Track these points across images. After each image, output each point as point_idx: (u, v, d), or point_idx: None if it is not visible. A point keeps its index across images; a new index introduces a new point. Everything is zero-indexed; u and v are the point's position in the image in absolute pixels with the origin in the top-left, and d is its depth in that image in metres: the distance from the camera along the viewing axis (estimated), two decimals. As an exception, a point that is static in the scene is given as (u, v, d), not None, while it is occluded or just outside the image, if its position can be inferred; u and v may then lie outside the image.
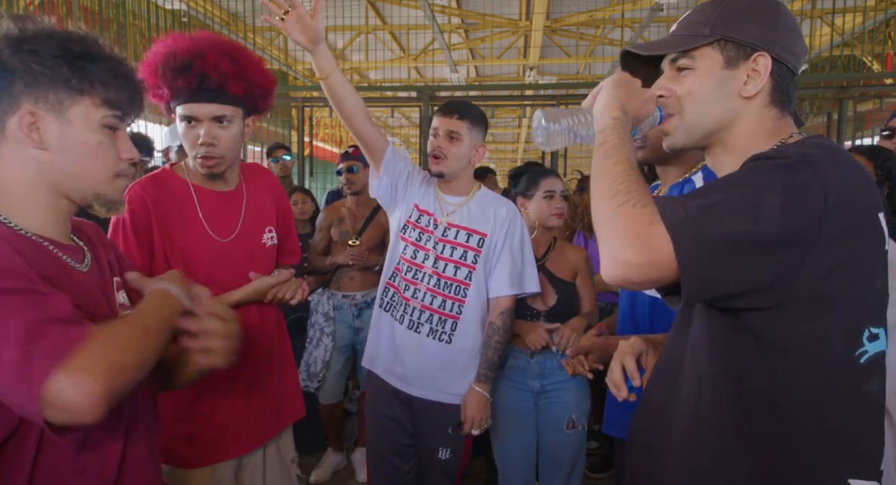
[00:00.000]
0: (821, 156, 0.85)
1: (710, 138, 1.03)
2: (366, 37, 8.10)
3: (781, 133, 1.00)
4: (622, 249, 0.82)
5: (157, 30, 5.59)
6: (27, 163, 0.97)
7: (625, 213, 0.84)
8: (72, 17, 4.83)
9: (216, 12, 6.65)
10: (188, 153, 1.59)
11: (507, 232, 2.04)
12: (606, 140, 0.94)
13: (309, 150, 5.78)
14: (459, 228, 2.04)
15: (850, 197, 0.84)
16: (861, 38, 6.14)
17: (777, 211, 0.80)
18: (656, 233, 0.81)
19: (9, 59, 0.93)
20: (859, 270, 0.87)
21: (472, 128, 2.03)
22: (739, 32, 0.98)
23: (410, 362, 2.03)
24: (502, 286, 2.03)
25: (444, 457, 2.05)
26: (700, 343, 0.97)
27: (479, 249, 2.03)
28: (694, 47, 1.00)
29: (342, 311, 3.11)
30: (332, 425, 3.28)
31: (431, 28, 6.84)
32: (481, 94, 9.29)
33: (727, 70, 0.99)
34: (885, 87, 5.51)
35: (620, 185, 0.87)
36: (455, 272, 2.02)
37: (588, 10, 7.41)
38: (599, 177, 0.91)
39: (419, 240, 2.06)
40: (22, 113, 0.94)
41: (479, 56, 9.96)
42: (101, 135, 1.00)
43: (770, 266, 0.83)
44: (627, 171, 0.89)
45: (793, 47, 0.99)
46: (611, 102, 0.99)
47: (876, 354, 0.90)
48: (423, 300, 2.02)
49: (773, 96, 1.00)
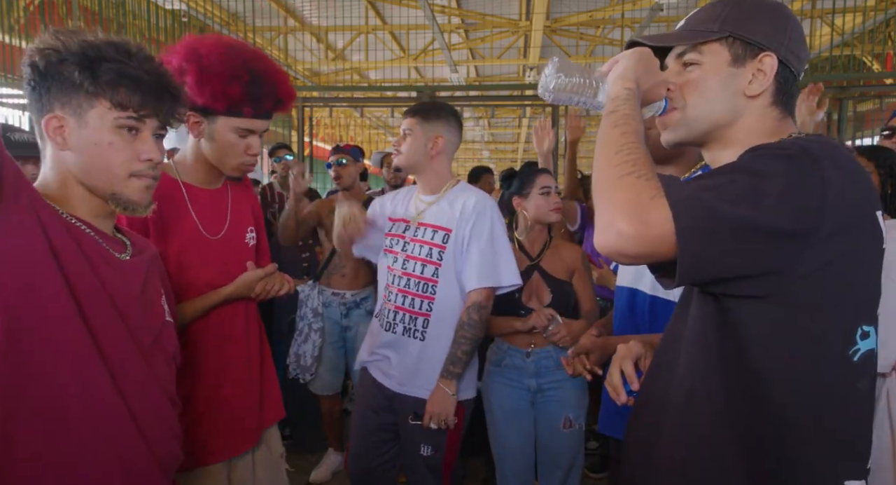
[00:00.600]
0: (821, 151, 0.86)
1: (711, 135, 1.03)
2: (366, 37, 8.10)
3: (781, 133, 1.00)
4: (619, 218, 0.81)
5: (157, 30, 5.59)
6: (60, 161, 1.07)
7: (627, 183, 0.83)
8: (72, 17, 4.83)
9: (216, 12, 6.65)
10: (230, 161, 1.61)
11: (473, 225, 2.02)
12: (617, 109, 0.93)
13: (309, 150, 5.78)
14: (427, 226, 2.08)
15: (848, 194, 0.84)
16: (861, 38, 6.15)
17: (775, 199, 0.80)
18: (657, 206, 0.80)
19: (45, 69, 1.03)
20: (857, 268, 0.88)
21: (423, 121, 2.08)
22: (749, 31, 0.99)
23: (391, 361, 2.10)
24: (471, 280, 2.02)
25: (426, 453, 2.07)
26: (695, 337, 0.97)
27: (443, 245, 2.03)
28: (702, 42, 1.01)
29: (331, 308, 3.12)
30: (332, 424, 3.28)
31: (431, 28, 6.85)
32: (481, 94, 9.30)
33: (733, 67, 0.99)
34: (885, 87, 5.51)
35: (627, 155, 0.86)
36: (422, 271, 2.04)
37: (588, 10, 7.42)
38: (606, 144, 0.89)
39: (391, 246, 2.14)
40: (50, 117, 1.05)
41: (479, 56, 9.96)
42: (114, 136, 1.06)
43: (766, 253, 0.82)
44: (635, 142, 0.88)
45: (798, 52, 1.01)
46: (626, 74, 0.97)
47: (867, 352, 0.90)
48: (395, 302, 2.08)
49: (776, 97, 1.00)
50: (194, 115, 1.55)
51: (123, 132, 1.06)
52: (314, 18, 7.83)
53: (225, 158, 1.60)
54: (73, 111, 1.04)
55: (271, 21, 7.46)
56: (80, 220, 1.07)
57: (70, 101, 1.04)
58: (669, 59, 1.06)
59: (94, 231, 1.08)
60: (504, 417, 2.30)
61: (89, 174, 1.07)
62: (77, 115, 1.04)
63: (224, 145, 1.57)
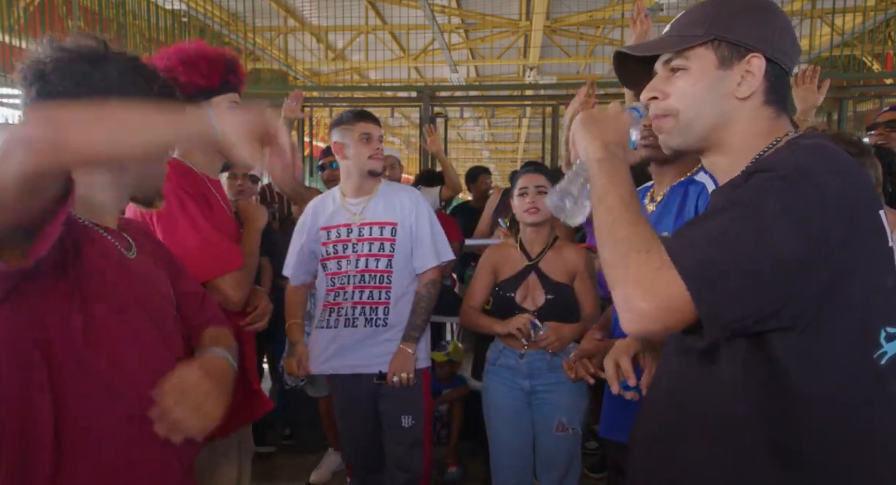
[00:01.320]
0: (816, 164, 0.84)
1: (706, 140, 1.01)
2: (366, 37, 8.09)
3: (776, 132, 0.99)
4: (634, 297, 0.81)
5: (157, 30, 5.59)
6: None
7: (631, 261, 0.83)
8: (72, 17, 4.83)
9: (216, 12, 6.64)
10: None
11: (415, 215, 2.29)
12: (595, 182, 0.95)
13: (309, 150, 5.78)
14: (372, 224, 2.28)
15: (850, 202, 0.83)
16: (861, 38, 6.14)
17: (778, 229, 0.80)
18: (667, 277, 0.80)
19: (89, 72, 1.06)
20: (866, 271, 0.86)
21: (335, 131, 2.31)
22: (733, 32, 0.97)
23: (359, 351, 2.27)
24: (426, 262, 2.30)
25: (407, 424, 2.26)
26: (712, 361, 0.94)
27: (393, 237, 2.28)
28: (688, 47, 0.99)
29: None
30: (332, 424, 3.27)
31: (431, 28, 6.84)
32: (481, 94, 9.29)
33: (721, 70, 0.98)
34: (885, 87, 5.50)
35: (621, 231, 0.87)
36: (376, 264, 2.26)
37: (588, 10, 7.41)
38: (598, 225, 0.91)
39: (336, 252, 2.30)
40: None
41: (479, 56, 9.95)
42: None
43: (784, 287, 0.81)
44: (622, 214, 0.88)
45: (786, 48, 0.99)
46: (589, 145, 0.99)
47: (893, 357, 0.88)
48: (351, 299, 2.26)
49: (768, 97, 0.99)
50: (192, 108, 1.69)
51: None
52: (314, 18, 7.82)
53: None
54: None
55: (271, 21, 7.45)
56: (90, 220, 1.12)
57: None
58: (658, 65, 1.04)
59: (103, 229, 1.13)
60: (500, 415, 2.32)
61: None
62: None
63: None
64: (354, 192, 2.32)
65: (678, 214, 1.60)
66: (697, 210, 1.56)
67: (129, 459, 1.04)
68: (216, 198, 1.77)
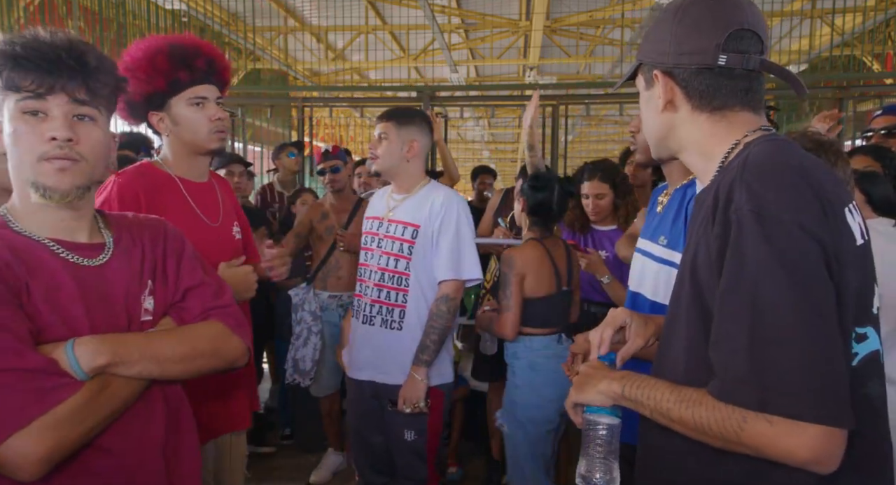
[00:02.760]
0: (772, 196, 0.83)
1: (665, 150, 1.10)
2: (366, 37, 8.09)
3: (731, 133, 0.99)
4: (793, 457, 0.79)
5: (157, 30, 5.59)
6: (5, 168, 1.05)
7: (717, 432, 0.83)
8: (72, 17, 4.83)
9: (216, 12, 6.64)
10: (202, 133, 1.68)
11: (441, 220, 2.13)
12: (643, 411, 0.94)
13: (309, 150, 5.78)
14: (398, 223, 2.19)
15: (818, 214, 0.83)
16: (861, 38, 6.14)
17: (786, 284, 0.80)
18: (757, 424, 0.79)
19: None
20: (841, 269, 0.84)
21: (399, 126, 2.18)
22: (644, 55, 1.06)
23: (371, 352, 2.20)
24: (440, 272, 2.14)
25: (409, 438, 2.18)
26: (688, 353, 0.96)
27: (412, 240, 2.15)
28: (633, 74, 1.10)
29: (329, 311, 3.12)
30: (332, 424, 3.28)
31: (431, 28, 6.84)
32: (481, 94, 9.29)
33: (648, 91, 1.07)
34: (885, 87, 5.51)
35: (683, 417, 0.87)
36: (395, 265, 2.17)
37: (588, 10, 7.41)
38: (683, 431, 0.89)
39: (365, 243, 2.26)
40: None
41: (479, 56, 9.96)
42: (20, 123, 1.00)
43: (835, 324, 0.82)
44: (671, 409, 0.89)
45: (693, 46, 0.97)
46: (601, 395, 0.99)
47: (869, 355, 0.88)
48: (371, 295, 2.19)
49: (692, 102, 1.00)
50: (153, 115, 1.66)
51: (28, 117, 0.99)
52: (314, 18, 7.83)
53: (196, 134, 1.67)
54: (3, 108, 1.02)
55: (271, 21, 7.45)
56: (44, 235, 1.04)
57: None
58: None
59: (55, 242, 1.04)
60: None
61: (14, 170, 1.03)
62: (2, 110, 1.02)
63: (189, 121, 1.66)
64: (394, 188, 2.28)
65: (675, 218, 1.61)
66: (687, 215, 1.56)
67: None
68: (184, 203, 1.67)
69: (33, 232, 1.03)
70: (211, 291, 1.22)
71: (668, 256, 1.60)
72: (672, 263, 1.59)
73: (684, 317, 0.96)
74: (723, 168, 0.98)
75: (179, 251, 1.22)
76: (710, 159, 1.01)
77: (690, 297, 0.94)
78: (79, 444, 0.95)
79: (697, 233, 0.94)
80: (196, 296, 1.19)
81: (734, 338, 0.82)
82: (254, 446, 3.56)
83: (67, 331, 1.00)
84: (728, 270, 0.84)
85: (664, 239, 1.62)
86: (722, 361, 0.84)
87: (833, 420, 0.77)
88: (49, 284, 0.99)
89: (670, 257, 1.59)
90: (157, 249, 1.18)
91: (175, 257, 1.20)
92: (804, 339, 0.79)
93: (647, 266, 1.66)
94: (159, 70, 1.60)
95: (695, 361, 0.93)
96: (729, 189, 0.87)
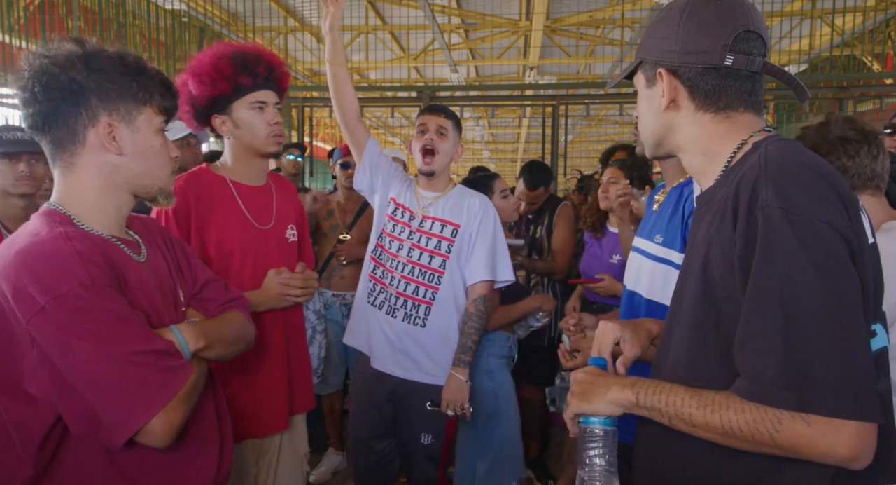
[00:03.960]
0: (800, 194, 0.83)
1: (664, 148, 1.09)
2: (366, 37, 8.09)
3: (737, 134, 0.99)
4: (829, 457, 0.79)
5: (157, 30, 5.59)
6: (104, 168, 1.11)
7: (752, 436, 0.81)
8: (72, 17, 4.83)
9: (216, 12, 6.64)
10: (260, 137, 1.75)
11: (480, 222, 2.16)
12: (661, 419, 0.91)
13: (309, 150, 5.78)
14: (435, 220, 2.17)
15: (843, 212, 0.84)
16: (861, 38, 6.15)
17: (819, 281, 0.79)
18: (795, 425, 0.78)
19: (85, 80, 1.06)
20: (860, 266, 0.85)
21: (454, 127, 2.20)
22: (647, 52, 1.04)
23: (391, 346, 2.15)
24: (477, 273, 2.15)
25: (426, 442, 2.16)
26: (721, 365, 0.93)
27: (452, 238, 2.15)
28: (633, 72, 1.09)
29: (332, 310, 3.12)
30: (334, 422, 3.28)
31: (431, 28, 6.84)
32: (481, 94, 9.29)
33: (648, 89, 1.05)
34: (885, 87, 5.51)
35: (712, 423, 0.85)
36: (430, 261, 2.14)
37: (588, 10, 7.41)
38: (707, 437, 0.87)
39: (394, 231, 2.19)
40: (102, 124, 1.08)
41: (479, 56, 9.96)
42: (160, 138, 1.16)
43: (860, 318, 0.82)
44: (693, 414, 0.86)
45: (699, 46, 0.97)
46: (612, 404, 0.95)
47: (878, 351, 0.88)
48: (397, 287, 2.15)
49: (696, 101, 1.00)
50: (217, 118, 1.74)
51: (160, 134, 1.16)
52: (314, 18, 7.83)
53: (255, 137, 1.74)
54: (122, 118, 1.10)
55: (271, 21, 7.45)
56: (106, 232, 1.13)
57: (118, 109, 1.09)
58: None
59: (118, 239, 1.14)
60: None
61: (143, 175, 1.14)
62: (127, 121, 1.10)
63: (249, 125, 1.73)
64: (424, 185, 2.22)
65: (671, 217, 1.61)
66: (684, 214, 1.56)
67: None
68: (235, 207, 1.73)
69: (99, 230, 1.12)
70: (221, 286, 1.37)
71: (664, 254, 1.60)
72: (668, 261, 1.59)
73: (689, 317, 0.95)
74: (728, 168, 0.97)
75: (184, 248, 1.34)
76: (714, 160, 1.00)
77: (698, 296, 0.93)
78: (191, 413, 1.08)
79: (707, 232, 0.93)
80: (211, 290, 1.34)
81: (766, 338, 0.81)
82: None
83: (157, 321, 1.12)
84: (758, 268, 0.83)
85: (660, 237, 1.62)
86: (751, 362, 0.83)
87: (869, 416, 0.78)
88: (134, 278, 1.10)
89: (666, 255, 1.59)
90: (170, 246, 1.30)
91: (183, 254, 1.32)
92: (839, 337, 0.79)
93: (643, 264, 1.67)
94: (224, 74, 1.69)
95: (701, 361, 0.93)
96: (753, 187, 0.86)
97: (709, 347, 0.92)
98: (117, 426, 0.98)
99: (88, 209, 1.11)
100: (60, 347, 0.96)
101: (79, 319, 0.96)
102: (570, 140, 8.51)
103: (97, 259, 1.02)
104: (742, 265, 0.85)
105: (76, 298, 0.96)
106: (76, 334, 0.96)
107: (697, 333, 0.94)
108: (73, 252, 0.99)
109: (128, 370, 0.98)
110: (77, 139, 1.08)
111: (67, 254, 0.99)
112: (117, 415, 0.98)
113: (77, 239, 1.02)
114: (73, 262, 0.98)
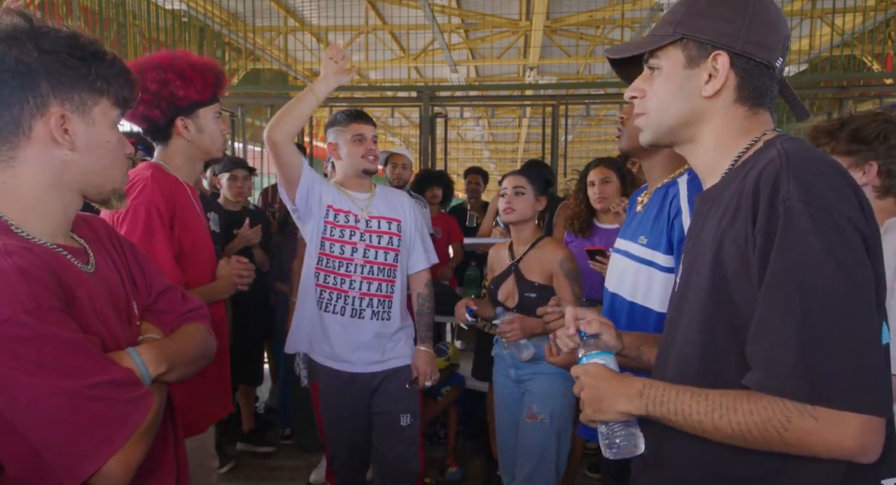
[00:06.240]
0: (822, 188, 0.84)
1: (676, 136, 1.03)
2: (366, 37, 8.09)
3: (753, 131, 0.99)
4: (834, 452, 0.79)
5: (157, 30, 5.59)
6: (51, 165, 0.95)
7: (765, 431, 0.82)
8: (72, 17, 4.83)
9: (216, 12, 6.64)
10: (217, 144, 1.86)
11: (413, 216, 2.37)
12: (672, 424, 0.92)
13: (309, 150, 5.78)
14: (380, 218, 2.31)
15: (859, 208, 0.85)
16: (861, 38, 6.14)
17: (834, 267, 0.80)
18: (803, 422, 0.79)
19: (35, 62, 0.90)
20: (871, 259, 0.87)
21: (330, 132, 2.38)
22: (699, 30, 0.97)
23: (363, 345, 2.25)
24: (420, 262, 2.39)
25: (405, 423, 2.30)
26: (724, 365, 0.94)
27: (398, 233, 2.32)
28: (659, 47, 1.01)
29: None
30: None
31: (431, 28, 6.84)
32: (481, 94, 9.29)
33: (688, 69, 0.99)
34: (885, 87, 5.51)
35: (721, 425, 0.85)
36: (385, 257, 2.28)
37: (588, 10, 7.40)
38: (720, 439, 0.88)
39: (342, 236, 2.26)
40: (54, 115, 0.93)
41: (479, 56, 9.95)
42: (116, 133, 1.02)
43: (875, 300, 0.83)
44: (702, 420, 0.87)
45: (763, 40, 0.96)
46: (622, 409, 0.96)
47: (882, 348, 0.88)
48: (360, 289, 2.24)
49: (740, 93, 0.98)
50: (181, 120, 1.78)
51: (115, 129, 1.02)
52: (314, 18, 7.82)
53: (213, 142, 1.84)
54: (76, 108, 0.95)
55: (271, 21, 7.44)
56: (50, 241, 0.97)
57: (72, 98, 0.94)
58: (645, 63, 1.06)
59: (63, 248, 0.98)
60: (497, 400, 2.47)
61: (95, 173, 0.99)
62: (81, 111, 0.96)
63: (212, 131, 1.83)
64: (356, 187, 2.34)
65: (655, 218, 1.60)
66: (670, 215, 1.55)
67: None
68: (192, 206, 1.80)
69: (41, 238, 0.96)
70: (178, 294, 1.21)
71: (648, 255, 1.59)
72: (652, 262, 1.58)
73: (698, 314, 0.95)
74: (734, 166, 0.97)
75: (135, 250, 1.19)
76: (724, 155, 1.00)
77: (707, 292, 0.93)
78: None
79: (717, 228, 0.93)
80: (168, 300, 1.18)
81: (782, 330, 0.82)
82: (254, 445, 3.57)
83: (112, 342, 0.98)
84: (777, 261, 0.83)
85: (644, 239, 1.61)
86: (767, 354, 0.83)
87: (877, 410, 0.79)
88: (84, 294, 0.94)
89: (651, 257, 1.58)
90: (120, 250, 1.14)
91: (135, 258, 1.17)
92: (856, 332, 0.80)
93: (627, 266, 1.66)
94: (209, 82, 1.79)
95: (712, 357, 0.93)
96: (774, 181, 0.86)
97: (720, 343, 0.92)
98: (68, 470, 0.84)
99: (28, 213, 0.95)
100: (1, 382, 0.82)
101: (24, 350, 0.82)
102: (570, 140, 8.50)
103: (42, 276, 0.86)
104: (761, 262, 0.85)
105: (19, 325, 0.81)
106: (20, 368, 0.82)
107: (707, 330, 0.94)
108: (13, 270, 0.84)
109: (82, 406, 0.85)
110: (20, 130, 0.92)
111: (7, 273, 0.84)
112: (69, 457, 0.84)
113: (17, 253, 0.86)
114: (14, 282, 0.83)
